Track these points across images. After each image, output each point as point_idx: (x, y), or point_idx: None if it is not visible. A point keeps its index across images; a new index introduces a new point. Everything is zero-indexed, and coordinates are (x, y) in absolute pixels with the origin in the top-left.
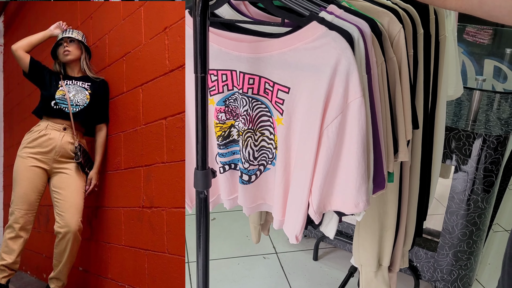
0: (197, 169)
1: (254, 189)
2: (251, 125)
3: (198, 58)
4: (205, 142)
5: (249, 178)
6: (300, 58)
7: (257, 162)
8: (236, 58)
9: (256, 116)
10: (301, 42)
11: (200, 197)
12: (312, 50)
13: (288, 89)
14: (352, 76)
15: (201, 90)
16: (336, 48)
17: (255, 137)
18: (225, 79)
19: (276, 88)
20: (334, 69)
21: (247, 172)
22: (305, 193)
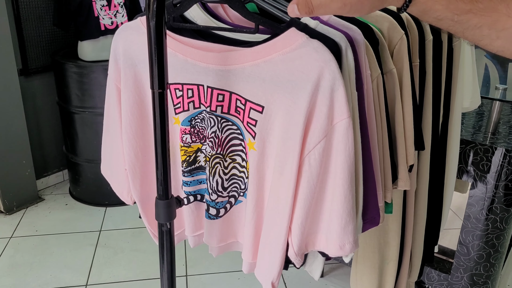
0: (159, 199)
1: (223, 225)
2: (220, 149)
3: (155, 71)
4: (167, 167)
5: (217, 212)
6: (275, 71)
7: (226, 193)
8: (203, 70)
9: (226, 139)
10: (277, 52)
11: (162, 230)
12: (290, 63)
13: (262, 108)
14: (337, 93)
15: (159, 108)
16: (318, 60)
17: (225, 163)
18: (190, 95)
19: (249, 107)
20: (316, 85)
21: (215, 205)
22: (282, 232)
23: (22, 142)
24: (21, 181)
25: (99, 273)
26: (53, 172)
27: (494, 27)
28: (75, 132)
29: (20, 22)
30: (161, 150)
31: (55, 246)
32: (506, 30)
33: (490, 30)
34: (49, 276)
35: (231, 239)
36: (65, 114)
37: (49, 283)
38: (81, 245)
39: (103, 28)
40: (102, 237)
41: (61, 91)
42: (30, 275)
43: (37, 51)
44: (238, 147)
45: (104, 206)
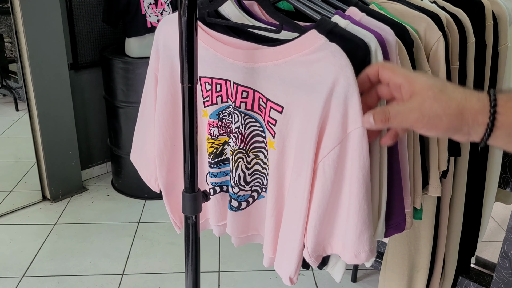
0: (185, 192)
1: (244, 218)
2: (242, 144)
3: (185, 66)
4: (194, 161)
5: (239, 204)
6: (295, 72)
7: (249, 187)
8: (231, 66)
9: (249, 136)
10: (297, 53)
11: (188, 223)
12: (308, 65)
13: (282, 109)
14: (351, 101)
15: (188, 102)
16: (335, 64)
17: (247, 159)
18: (219, 89)
19: (269, 106)
20: (330, 90)
21: (237, 197)
22: (299, 231)
23: (69, 134)
24: (67, 171)
25: (136, 264)
26: (98, 164)
27: None
28: (119, 126)
29: (73, 18)
30: (189, 144)
31: (95, 235)
32: None
33: None
34: (89, 263)
35: (252, 232)
36: (111, 108)
37: (88, 270)
38: (120, 235)
39: (150, 26)
40: (140, 228)
41: (107, 85)
42: (71, 261)
43: (87, 46)
44: (261, 144)
45: (144, 199)
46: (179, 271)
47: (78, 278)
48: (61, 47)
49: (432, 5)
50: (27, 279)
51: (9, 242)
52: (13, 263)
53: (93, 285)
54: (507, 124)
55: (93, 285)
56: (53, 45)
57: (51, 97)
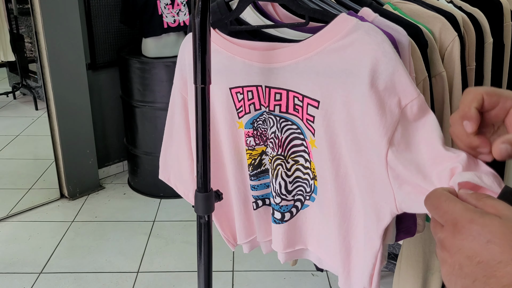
0: (198, 191)
1: (289, 230)
2: (280, 150)
3: (198, 66)
4: (206, 160)
5: (282, 216)
6: (328, 62)
7: (291, 196)
8: (260, 70)
9: (287, 140)
10: (328, 42)
11: (200, 222)
12: (342, 51)
13: (318, 103)
14: (397, 75)
15: (201, 103)
16: (371, 43)
17: (287, 165)
18: (251, 97)
19: (306, 103)
20: (372, 71)
21: (279, 208)
22: (377, 236)
23: (87, 132)
24: (84, 169)
25: (151, 262)
26: (114, 162)
27: None
28: (135, 125)
29: (91, 19)
30: (202, 144)
31: (111, 233)
32: None
33: None
34: (104, 260)
35: (299, 246)
36: (127, 108)
37: (104, 267)
38: (136, 234)
39: (166, 26)
40: (155, 227)
41: (124, 85)
42: (87, 258)
43: (105, 47)
44: (299, 147)
45: (159, 197)
46: (194, 270)
47: (94, 275)
48: (79, 47)
49: (449, 5)
50: (44, 275)
51: (28, 238)
52: (32, 260)
53: (109, 282)
54: None
55: (109, 282)
56: (72, 45)
57: (69, 96)
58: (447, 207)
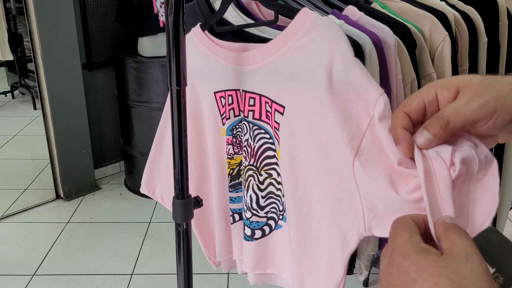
0: (175, 198)
1: (260, 250)
2: (253, 160)
3: (172, 67)
4: (183, 165)
5: (252, 233)
6: (293, 62)
7: (263, 213)
8: (236, 73)
9: (260, 150)
10: (292, 39)
11: (179, 230)
12: (304, 49)
13: (283, 109)
14: (354, 74)
15: (177, 106)
16: (328, 39)
17: (259, 178)
18: (230, 102)
19: (274, 109)
20: (329, 71)
21: (249, 224)
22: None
23: (82, 133)
24: (80, 169)
25: (145, 264)
26: (111, 163)
27: None
28: (131, 125)
29: (86, 18)
30: (178, 149)
31: (106, 234)
32: None
33: None
34: (99, 262)
35: (271, 270)
36: (123, 108)
37: (98, 269)
38: (131, 235)
39: (162, 25)
40: (151, 228)
41: (120, 85)
42: (82, 260)
43: (101, 46)
44: (272, 159)
45: None
46: None
47: (87, 278)
48: (74, 47)
49: (441, 3)
50: (37, 278)
51: (22, 240)
52: (25, 261)
53: (102, 284)
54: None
55: (102, 285)
56: (67, 45)
57: (64, 96)
58: (394, 236)
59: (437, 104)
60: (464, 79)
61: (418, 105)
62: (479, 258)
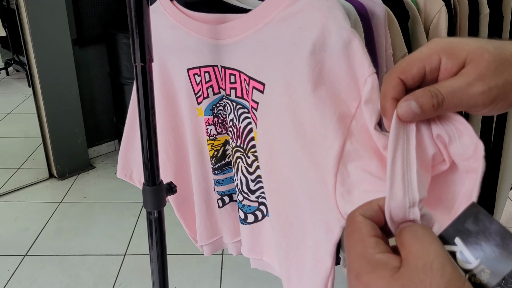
0: (145, 185)
1: (253, 236)
2: (239, 141)
3: (136, 42)
4: (152, 149)
5: (245, 216)
6: (277, 34)
7: (254, 197)
8: (213, 48)
9: (245, 131)
10: (277, 8)
11: (150, 219)
12: (291, 19)
13: (263, 87)
14: (352, 47)
15: (142, 85)
16: (320, 8)
17: (247, 160)
18: (208, 79)
19: (252, 86)
20: (320, 43)
21: (242, 207)
22: (330, 252)
23: (75, 111)
24: (73, 148)
25: (138, 244)
26: (105, 141)
27: None
28: (124, 103)
29: None
30: (145, 131)
31: (100, 214)
32: None
33: None
34: (91, 243)
35: (266, 258)
36: (116, 85)
37: (90, 250)
38: (124, 215)
39: None
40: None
41: (112, 62)
42: (74, 240)
43: (92, 21)
44: (255, 141)
45: None
46: (182, 253)
47: (80, 258)
48: (63, 22)
49: None
50: (29, 258)
51: (14, 220)
52: (17, 242)
53: (94, 265)
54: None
55: (94, 266)
56: (56, 20)
57: (54, 73)
58: (347, 248)
59: (438, 73)
60: (476, 52)
61: (418, 73)
62: (440, 266)
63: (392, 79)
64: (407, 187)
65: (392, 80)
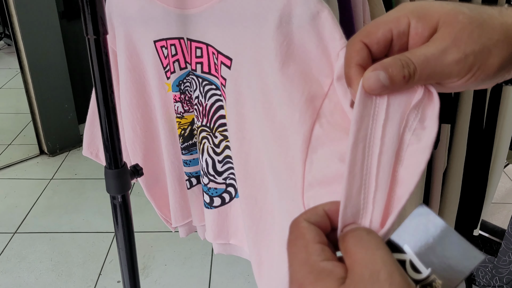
0: (108, 168)
1: (220, 219)
2: (205, 120)
3: (87, 12)
4: (112, 130)
5: (211, 200)
6: (242, 4)
7: (222, 179)
8: (178, 18)
9: (212, 108)
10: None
11: (114, 203)
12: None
13: (230, 62)
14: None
15: (97, 58)
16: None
17: (214, 140)
18: (174, 53)
19: (220, 61)
20: (286, 13)
21: (207, 190)
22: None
23: (64, 86)
24: (63, 124)
25: None
26: None
27: None
28: None
29: None
30: (104, 110)
31: (91, 191)
32: None
33: None
34: (82, 220)
35: (233, 241)
36: None
37: (80, 227)
38: None
39: None
40: (136, 185)
41: None
42: (64, 217)
43: None
44: (225, 119)
45: None
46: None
47: (70, 236)
48: None
49: None
50: (19, 236)
51: (4, 197)
52: (7, 219)
53: (85, 242)
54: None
55: (85, 243)
56: None
57: (42, 47)
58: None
59: (407, 37)
60: (449, 14)
61: (383, 36)
62: (388, 275)
63: (355, 43)
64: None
65: (355, 44)
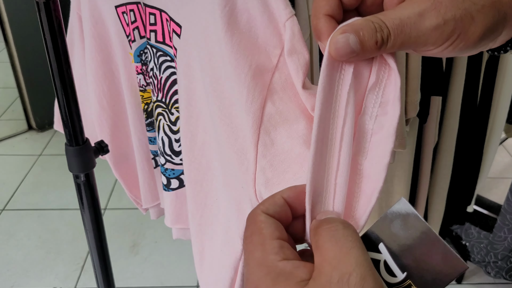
0: (68, 145)
1: (178, 203)
2: (161, 95)
3: None
4: (70, 104)
5: (168, 182)
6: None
7: (179, 159)
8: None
9: (168, 82)
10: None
11: (77, 183)
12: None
13: (180, 29)
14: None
15: (48, 26)
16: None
17: (170, 117)
18: (133, 19)
19: (172, 28)
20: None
21: (164, 171)
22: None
23: None
24: (52, 99)
25: (119, 199)
26: None
27: None
28: None
29: None
30: (60, 84)
31: None
32: None
33: None
34: (70, 197)
35: (187, 225)
36: None
37: (69, 204)
38: (105, 168)
39: None
40: None
41: None
42: (53, 194)
43: None
44: None
45: None
46: None
47: (58, 212)
48: None
49: None
50: (6, 213)
51: None
52: None
53: (74, 219)
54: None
55: (73, 220)
56: None
57: (25, 18)
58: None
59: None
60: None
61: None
62: (359, 280)
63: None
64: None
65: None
